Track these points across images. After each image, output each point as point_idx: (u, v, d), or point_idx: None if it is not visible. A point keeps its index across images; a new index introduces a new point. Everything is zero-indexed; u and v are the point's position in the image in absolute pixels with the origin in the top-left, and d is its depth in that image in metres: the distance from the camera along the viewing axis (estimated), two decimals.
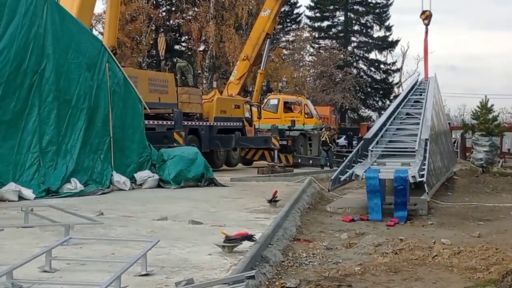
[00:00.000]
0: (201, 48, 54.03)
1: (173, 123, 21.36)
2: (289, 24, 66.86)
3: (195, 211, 12.13)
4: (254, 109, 29.90)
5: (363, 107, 68.06)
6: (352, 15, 67.49)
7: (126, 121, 16.58)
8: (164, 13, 56.21)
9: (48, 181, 13.73)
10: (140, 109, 17.25)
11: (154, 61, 51.63)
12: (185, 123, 22.74)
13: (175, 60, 25.64)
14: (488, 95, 29.72)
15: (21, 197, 12.97)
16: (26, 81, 13.43)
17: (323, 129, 31.37)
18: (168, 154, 17.52)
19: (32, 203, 12.00)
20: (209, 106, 25.91)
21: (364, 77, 66.90)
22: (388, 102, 62.56)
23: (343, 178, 15.15)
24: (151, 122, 20.73)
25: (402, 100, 22.47)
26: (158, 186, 16.92)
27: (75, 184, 14.29)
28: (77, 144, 14.53)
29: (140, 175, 16.68)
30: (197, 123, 24.49)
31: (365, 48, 67.96)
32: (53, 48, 13.89)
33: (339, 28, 68.13)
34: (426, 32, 27.66)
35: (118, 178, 15.80)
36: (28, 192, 13.19)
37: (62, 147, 14.16)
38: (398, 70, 68.31)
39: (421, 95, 23.17)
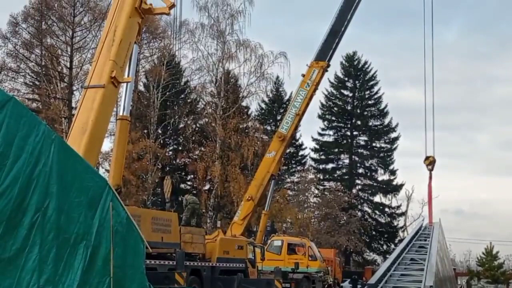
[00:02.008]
0: (206, 187, 54.41)
1: (175, 263, 21.10)
2: (294, 166, 67.54)
3: None
4: (258, 250, 29.63)
5: (367, 250, 67.40)
6: (357, 158, 68.21)
7: (127, 261, 16.31)
8: (170, 152, 57.00)
9: None
10: (142, 249, 17.02)
11: (159, 200, 51.75)
12: (187, 263, 22.44)
13: (185, 197, 25.70)
14: (494, 241, 29.67)
15: None
16: (27, 218, 13.34)
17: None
18: None
19: None
20: (212, 247, 25.68)
21: (369, 220, 66.70)
22: (393, 246, 62.03)
23: None
24: (152, 261, 20.47)
25: (407, 245, 22.32)
26: None
27: None
28: (74, 284, 14.23)
29: None
30: (199, 264, 24.18)
31: (370, 191, 68.19)
32: (56, 186, 13.89)
33: (344, 170, 68.67)
34: (430, 178, 27.89)
35: None
36: None
37: (59, 287, 13.87)
38: (403, 214, 68.23)
39: (425, 240, 23.04)
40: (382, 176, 68.04)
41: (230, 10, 53.47)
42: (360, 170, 68.90)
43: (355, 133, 68.86)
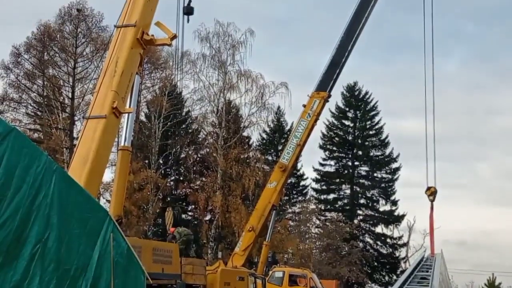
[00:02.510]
0: (207, 217, 54.31)
1: None
2: (295, 196, 67.44)
3: None
4: (259, 281, 29.42)
5: (369, 282, 66.93)
6: (358, 189, 68.09)
7: None
8: (171, 183, 56.95)
9: None
10: (142, 280, 16.91)
11: (160, 230, 51.61)
12: None
13: (176, 230, 25.54)
14: (496, 272, 29.45)
15: None
16: (27, 250, 13.28)
17: None
18: None
19: None
20: (213, 278, 25.49)
21: (371, 250, 66.40)
22: (395, 277, 61.70)
23: None
24: None
25: (409, 277, 22.23)
26: None
27: None
28: None
29: None
30: None
31: (371, 222, 67.97)
32: (57, 217, 13.86)
33: (345, 201, 68.51)
34: (432, 208, 27.84)
35: None
36: None
37: None
38: (405, 244, 67.90)
39: (427, 271, 22.93)
40: (383, 206, 67.94)
41: (232, 40, 53.84)
42: (362, 201, 68.75)
43: (356, 163, 68.81)
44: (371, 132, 69.12)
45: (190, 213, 59.55)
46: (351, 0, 33.46)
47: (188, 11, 21.79)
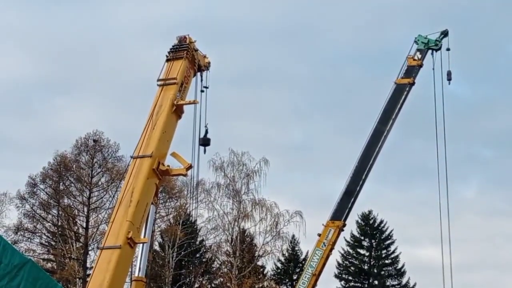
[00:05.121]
0: None
1: None
2: None
3: None
4: None
5: None
6: None
7: None
8: None
9: None
10: None
11: None
12: None
13: None
14: None
15: None
16: None
17: None
18: None
19: None
20: None
21: None
22: None
23: None
24: None
25: None
26: None
27: None
28: None
29: None
30: None
31: None
32: None
33: None
34: None
35: None
36: None
37: None
38: None
39: None
40: None
41: (246, 170, 54.29)
42: None
43: None
44: (386, 261, 68.24)
45: None
46: (368, 126, 33.89)
47: (205, 142, 22.04)
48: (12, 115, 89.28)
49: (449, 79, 32.97)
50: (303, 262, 60.95)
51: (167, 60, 21.08)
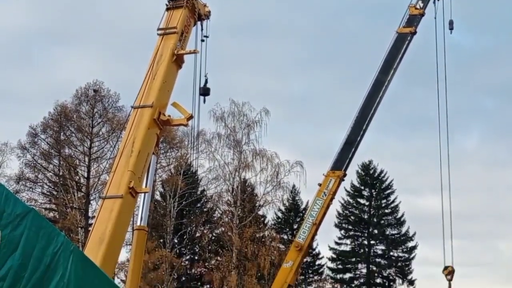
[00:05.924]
0: None
1: None
2: (311, 275, 66.62)
3: None
4: None
5: None
6: (374, 268, 67.25)
7: None
8: (187, 262, 56.55)
9: None
10: None
11: None
12: None
13: None
14: None
15: None
16: None
17: None
18: None
19: None
20: None
21: None
22: None
23: None
24: None
25: None
26: None
27: None
28: None
29: None
30: None
31: None
32: None
33: (362, 280, 67.55)
34: None
35: None
36: None
37: None
38: None
39: None
40: (400, 286, 66.80)
41: (247, 120, 54.25)
42: (378, 280, 67.79)
43: (372, 242, 68.20)
44: (386, 211, 68.72)
45: None
46: (369, 77, 33.74)
47: (205, 92, 22.04)
48: (12, 65, 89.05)
49: (451, 28, 32.76)
50: (304, 211, 61.37)
51: (167, 9, 20.94)
